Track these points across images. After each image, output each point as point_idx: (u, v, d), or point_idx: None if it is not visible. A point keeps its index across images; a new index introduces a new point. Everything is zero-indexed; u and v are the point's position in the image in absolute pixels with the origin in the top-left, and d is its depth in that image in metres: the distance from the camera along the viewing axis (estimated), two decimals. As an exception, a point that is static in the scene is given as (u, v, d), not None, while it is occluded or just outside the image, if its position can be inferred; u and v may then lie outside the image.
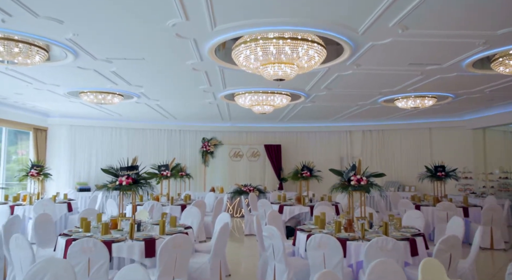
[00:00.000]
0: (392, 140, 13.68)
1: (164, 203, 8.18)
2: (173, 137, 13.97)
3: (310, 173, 8.74)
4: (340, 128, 14.23)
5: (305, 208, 8.10)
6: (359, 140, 14.16)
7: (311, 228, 5.11)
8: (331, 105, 10.42)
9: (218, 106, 10.50)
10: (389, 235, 4.59)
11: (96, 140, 12.94)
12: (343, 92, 8.49)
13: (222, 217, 5.50)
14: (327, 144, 14.43)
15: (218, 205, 8.29)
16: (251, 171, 13.95)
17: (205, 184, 13.65)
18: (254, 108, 9.03)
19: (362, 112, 11.50)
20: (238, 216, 11.56)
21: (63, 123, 12.32)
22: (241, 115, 12.24)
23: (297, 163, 14.21)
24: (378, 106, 10.25)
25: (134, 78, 7.24)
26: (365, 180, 5.10)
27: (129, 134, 13.47)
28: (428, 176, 8.66)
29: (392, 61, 5.96)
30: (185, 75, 6.97)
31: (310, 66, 5.47)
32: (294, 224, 8.37)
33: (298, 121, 13.71)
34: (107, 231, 4.56)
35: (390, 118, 12.85)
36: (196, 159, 13.98)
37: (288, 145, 14.48)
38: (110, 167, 5.22)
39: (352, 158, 14.23)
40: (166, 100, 9.71)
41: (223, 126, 14.14)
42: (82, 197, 11.67)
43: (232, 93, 8.73)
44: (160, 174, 8.55)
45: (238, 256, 7.13)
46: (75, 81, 7.46)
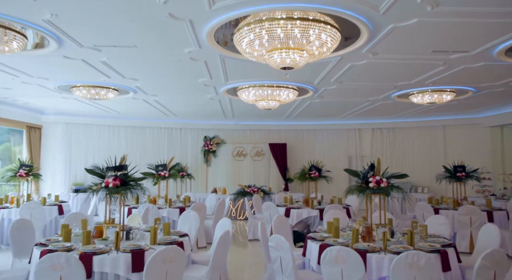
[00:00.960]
0: (404, 138, 13.01)
1: (161, 206, 7.58)
2: (173, 136, 13.38)
3: (318, 173, 8.10)
4: (349, 126, 13.58)
5: (313, 211, 7.46)
6: (369, 138, 13.51)
7: (324, 237, 4.48)
8: (341, 101, 9.78)
9: (220, 102, 9.89)
10: (415, 246, 3.95)
11: (93, 138, 12.37)
12: (354, 86, 7.85)
13: (223, 224, 4.88)
14: (334, 143, 13.78)
15: (219, 208, 7.68)
16: (255, 171, 13.33)
17: (207, 185, 13.04)
18: (258, 104, 8.41)
19: (372, 109, 10.85)
20: (241, 219, 10.95)
21: (58, 121, 11.76)
22: (245, 112, 11.62)
23: (303, 163, 13.56)
24: (390, 102, 9.61)
25: (128, 70, 6.64)
26: (385, 182, 4.46)
27: (128, 132, 12.89)
28: (447, 176, 7.98)
29: (414, 48, 5.32)
30: (183, 66, 6.37)
31: (321, 54, 4.85)
32: (302, 229, 7.74)
33: (305, 119, 13.08)
34: (89, 241, 3.95)
35: (402, 116, 12.17)
36: (197, 158, 13.38)
37: (294, 143, 13.84)
38: (95, 167, 4.61)
39: (361, 157, 13.59)
40: (165, 96, 9.12)
41: (226, 124, 13.53)
42: (77, 198, 11.09)
43: (235, 88, 8.12)
44: (158, 174, 7.94)
45: (241, 264, 6.51)
46: (64, 73, 6.88)
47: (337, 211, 5.95)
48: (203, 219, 7.27)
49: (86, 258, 3.59)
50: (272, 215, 7.23)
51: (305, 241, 4.57)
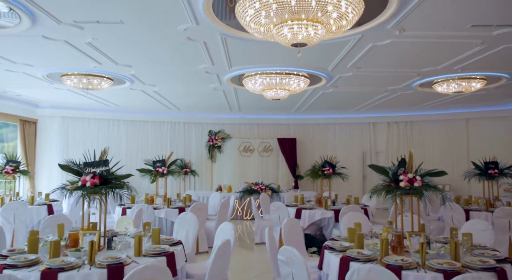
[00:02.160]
0: (422, 133, 12.13)
1: (158, 206, 6.87)
2: (176, 131, 12.68)
3: (332, 170, 7.32)
4: (363, 120, 12.74)
5: (328, 212, 6.68)
6: (384, 132, 12.65)
7: (345, 247, 3.71)
8: (356, 92, 8.96)
9: (224, 93, 9.13)
10: (459, 260, 3.17)
11: (92, 133, 11.72)
12: (373, 72, 7.03)
13: (223, 230, 4.14)
14: (347, 138, 12.95)
15: (223, 208, 6.94)
16: (263, 167, 12.58)
17: (212, 182, 12.32)
18: (266, 94, 7.64)
19: (389, 101, 10.01)
20: (248, 219, 10.21)
21: (54, 114, 11.12)
22: (251, 104, 10.86)
23: (314, 159, 12.78)
24: (410, 92, 8.76)
25: (118, 54, 5.91)
26: (419, 180, 3.66)
27: (128, 127, 12.21)
28: (477, 174, 7.14)
29: (451, 22, 4.49)
30: (179, 48, 5.62)
31: (339, 28, 4.05)
32: (315, 231, 6.98)
33: (316, 112, 12.27)
34: (58, 253, 3.23)
35: (421, 108, 11.30)
36: (202, 154, 12.66)
37: (304, 138, 13.05)
38: (70, 162, 3.89)
39: (375, 153, 12.76)
40: (164, 86, 8.39)
41: (232, 118, 12.78)
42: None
43: (240, 76, 7.37)
44: (155, 171, 7.23)
45: (246, 273, 5.76)
46: (48, 59, 6.17)
47: (356, 214, 5.15)
48: (204, 221, 6.55)
49: (50, 276, 2.88)
50: (281, 217, 6.48)
51: (322, 251, 3.80)
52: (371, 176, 12.67)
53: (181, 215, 5.07)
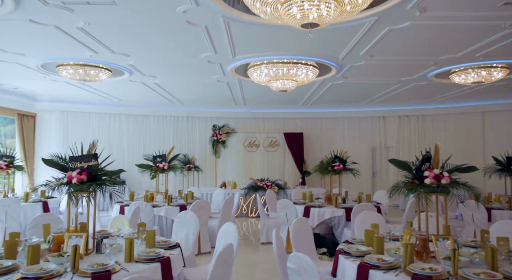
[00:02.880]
0: (435, 127, 11.63)
1: (158, 203, 6.49)
2: (179, 125, 12.29)
3: (343, 165, 6.88)
4: (372, 114, 12.26)
5: (338, 210, 6.26)
6: (395, 126, 12.17)
7: (362, 251, 3.29)
8: (366, 83, 8.50)
9: (228, 85, 8.72)
10: (499, 270, 2.74)
11: (92, 128, 11.37)
12: (387, 61, 6.58)
13: (225, 231, 3.75)
14: (356, 132, 12.49)
15: (226, 206, 6.55)
16: (269, 163, 12.17)
17: (216, 178, 11.93)
18: (272, 85, 7.22)
19: (401, 93, 9.54)
20: (253, 216, 9.82)
21: (53, 108, 10.78)
22: (257, 98, 10.43)
23: (322, 154, 12.35)
24: (425, 83, 8.29)
25: (114, 40, 5.51)
26: (447, 177, 3.23)
27: (130, 121, 11.85)
28: (498, 169, 6.68)
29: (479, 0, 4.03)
30: (179, 35, 5.21)
31: (354, 7, 3.63)
32: (324, 231, 6.56)
33: (324, 105, 11.82)
34: (37, 258, 2.85)
35: (434, 101, 10.81)
36: (206, 149, 12.27)
37: (311, 133, 12.60)
38: (55, 156, 3.51)
39: (386, 148, 12.29)
40: (165, 78, 7.99)
41: (237, 112, 12.36)
42: (73, 193, 10.12)
43: (245, 66, 6.95)
44: (155, 167, 6.85)
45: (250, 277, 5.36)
46: (40, 46, 5.79)
47: (370, 213, 4.73)
48: (206, 219, 6.16)
49: (24, 286, 2.50)
50: (289, 215, 6.08)
51: (336, 257, 3.39)
52: (381, 172, 12.22)
53: (180, 214, 4.68)
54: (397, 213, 10.32)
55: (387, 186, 11.97)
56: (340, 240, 6.26)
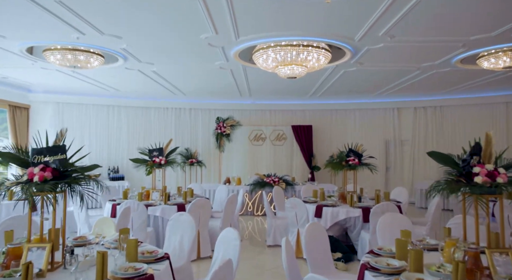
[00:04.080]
0: (454, 119, 10.88)
1: (154, 202, 5.86)
2: (182, 117, 11.67)
3: (358, 160, 6.20)
4: (386, 105, 11.54)
5: (354, 210, 5.59)
6: (410, 119, 11.44)
7: (395, 268, 2.63)
8: (383, 70, 7.77)
9: (232, 73, 8.05)
10: None
11: (90, 120, 10.79)
12: (409, 43, 5.85)
13: (225, 240, 3.11)
14: (369, 125, 11.78)
15: (229, 205, 5.91)
16: (276, 157, 11.53)
17: (221, 174, 11.31)
18: (280, 72, 6.55)
19: (420, 82, 8.80)
20: (259, 214, 9.18)
21: (48, 100, 10.20)
22: (263, 87, 9.75)
23: (332, 148, 11.67)
24: (447, 69, 7.55)
25: (100, 18, 4.85)
26: (503, 174, 2.54)
27: (130, 113, 11.26)
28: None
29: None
30: (174, 12, 4.55)
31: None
32: (338, 233, 5.90)
33: (334, 96, 11.10)
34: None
35: (453, 91, 10.05)
36: (209, 143, 11.65)
37: (321, 125, 11.92)
38: (15, 148, 2.89)
39: (400, 141, 11.57)
40: (163, 65, 7.34)
41: (242, 103, 11.71)
42: (68, 189, 9.56)
43: (249, 51, 6.28)
44: (151, 161, 6.22)
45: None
46: (19, 27, 5.16)
47: (395, 216, 4.06)
48: (207, 220, 5.53)
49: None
50: (299, 215, 5.42)
51: (360, 273, 2.73)
52: (395, 167, 11.50)
53: (174, 216, 4.05)
54: (413, 211, 9.62)
55: (401, 182, 11.31)
56: (357, 243, 5.60)
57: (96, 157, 10.74)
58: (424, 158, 11.10)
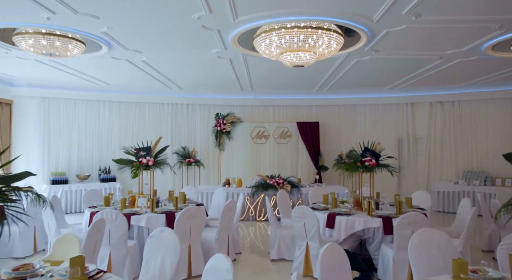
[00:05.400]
0: (474, 115, 10.01)
1: (139, 210, 5.04)
2: (178, 114, 10.87)
3: (376, 160, 5.36)
4: (399, 100, 10.68)
5: (373, 220, 4.75)
6: (425, 114, 10.57)
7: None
8: (400, 59, 6.92)
9: (231, 63, 7.22)
10: None
11: (79, 117, 10.00)
12: (436, 24, 4.99)
13: (213, 271, 2.30)
14: (380, 121, 10.94)
15: (228, 212, 5.08)
16: (280, 156, 10.72)
17: (220, 174, 10.49)
18: (285, 60, 5.72)
19: (438, 73, 7.95)
20: (262, 220, 8.37)
21: (32, 94, 9.41)
22: (266, 80, 8.92)
23: (340, 146, 10.82)
24: (474, 58, 6.70)
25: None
26: None
27: (122, 109, 10.46)
28: None
29: None
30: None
31: None
32: (353, 245, 5.07)
33: (342, 91, 10.26)
34: None
35: (473, 85, 9.18)
36: (208, 141, 10.84)
37: (328, 122, 11.08)
38: None
39: (414, 139, 10.72)
40: (154, 53, 6.53)
41: (243, 98, 10.89)
42: (53, 191, 8.80)
43: (250, 36, 5.45)
44: (138, 162, 5.41)
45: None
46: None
47: (432, 233, 3.21)
48: (199, 231, 4.71)
49: None
50: (308, 226, 4.59)
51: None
52: (409, 167, 10.64)
53: (154, 233, 3.23)
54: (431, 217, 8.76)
55: (415, 184, 10.43)
56: (375, 257, 4.77)
57: (86, 156, 9.97)
58: (441, 157, 10.24)
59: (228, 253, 5.19)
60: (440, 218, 8.86)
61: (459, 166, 9.98)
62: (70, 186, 9.01)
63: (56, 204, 5.34)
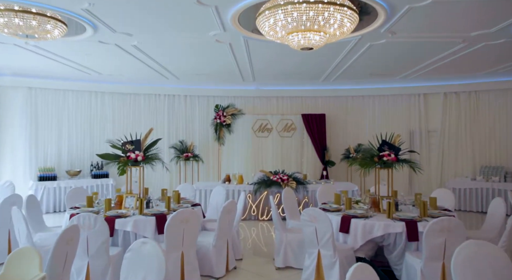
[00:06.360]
0: (493, 106, 9.32)
1: (125, 212, 4.40)
2: (176, 106, 10.24)
3: (395, 155, 4.71)
4: (410, 91, 10.02)
5: (395, 224, 4.10)
6: (439, 106, 9.90)
7: None
8: (419, 42, 6.25)
9: (231, 49, 6.56)
10: None
11: (68, 108, 9.35)
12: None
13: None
14: (390, 113, 10.29)
15: (227, 215, 4.45)
16: (284, 151, 10.09)
17: (220, 170, 9.86)
18: (292, 42, 5.05)
19: (458, 60, 7.28)
20: (265, 219, 7.74)
21: (17, 84, 8.76)
22: (269, 69, 8.27)
23: (347, 140, 10.17)
24: (501, 41, 6.03)
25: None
26: None
27: (115, 101, 9.83)
28: None
29: None
30: None
31: None
32: (371, 253, 4.43)
33: (350, 81, 9.60)
34: None
35: (491, 73, 8.51)
36: (207, 134, 10.20)
37: (335, 114, 10.43)
38: None
39: (427, 132, 10.06)
40: (145, 36, 5.88)
41: (244, 89, 10.23)
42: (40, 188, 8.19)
43: (252, 13, 4.79)
44: (126, 157, 4.77)
45: None
46: None
47: (482, 246, 2.57)
48: (194, 237, 4.08)
49: None
50: (320, 232, 3.95)
51: None
52: (421, 162, 9.92)
53: (134, 245, 2.61)
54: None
55: (427, 181, 9.74)
56: (397, 268, 4.14)
57: (77, 151, 9.34)
58: (456, 152, 9.58)
59: (228, 260, 4.56)
60: (461, 216, 8.20)
61: (476, 161, 9.32)
62: (59, 183, 8.39)
63: (33, 204, 4.71)
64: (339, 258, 3.88)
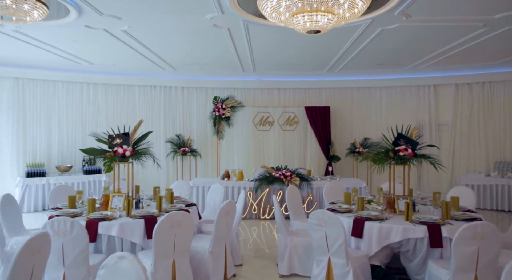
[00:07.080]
0: (507, 97, 8.81)
1: (111, 215, 3.91)
2: (172, 98, 9.73)
3: (412, 149, 4.22)
4: (419, 82, 9.51)
5: (415, 228, 3.61)
6: (450, 98, 9.40)
7: None
8: (434, 27, 5.72)
9: (230, 34, 6.04)
10: None
11: (59, 100, 8.85)
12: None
13: None
14: (398, 106, 9.79)
15: (224, 217, 3.96)
16: (286, 145, 9.60)
17: (219, 166, 9.38)
18: (297, 25, 4.53)
19: (474, 47, 6.77)
20: (267, 218, 7.27)
21: (3, 74, 8.25)
22: (271, 58, 7.75)
23: (353, 133, 9.68)
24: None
25: None
26: None
27: (108, 92, 9.32)
28: None
29: None
30: None
31: None
32: (387, 260, 3.95)
33: (356, 71, 9.08)
34: None
35: (505, 63, 7.98)
36: (206, 128, 9.71)
37: (340, 107, 9.93)
38: None
39: (437, 126, 9.57)
40: (136, 20, 5.35)
41: (244, 80, 9.72)
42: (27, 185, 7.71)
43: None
44: (112, 152, 4.29)
45: None
46: None
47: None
48: (187, 244, 3.59)
49: None
50: (331, 238, 3.47)
51: None
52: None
53: (109, 260, 2.13)
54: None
55: (437, 177, 9.24)
56: (418, 278, 3.66)
57: (67, 146, 8.85)
58: (468, 146, 9.09)
59: (226, 268, 4.09)
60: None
61: (490, 156, 8.84)
62: (48, 179, 7.91)
63: (10, 204, 4.24)
64: (352, 267, 3.40)
